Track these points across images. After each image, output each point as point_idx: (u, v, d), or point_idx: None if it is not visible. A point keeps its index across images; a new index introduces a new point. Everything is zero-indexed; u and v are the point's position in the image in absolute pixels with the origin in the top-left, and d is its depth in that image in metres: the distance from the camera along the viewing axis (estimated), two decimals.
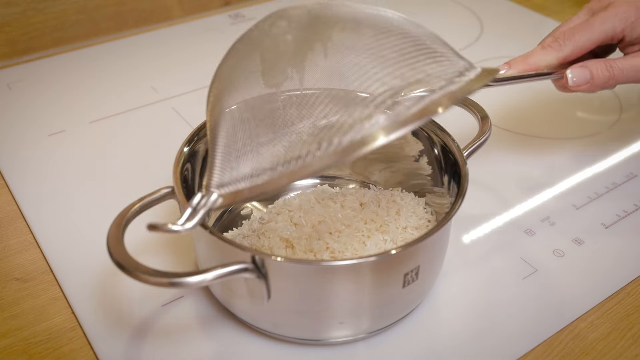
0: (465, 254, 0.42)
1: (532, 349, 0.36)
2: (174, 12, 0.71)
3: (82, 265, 0.41)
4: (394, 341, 0.36)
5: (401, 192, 0.42)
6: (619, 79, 0.41)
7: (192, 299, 0.39)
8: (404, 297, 0.35)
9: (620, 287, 0.40)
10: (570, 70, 0.41)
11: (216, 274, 0.30)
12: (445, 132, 0.40)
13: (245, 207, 0.44)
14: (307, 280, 0.32)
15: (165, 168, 0.37)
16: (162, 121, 0.55)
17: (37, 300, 0.39)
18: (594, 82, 0.41)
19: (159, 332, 0.37)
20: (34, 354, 0.36)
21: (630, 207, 0.46)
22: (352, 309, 0.34)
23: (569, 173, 0.50)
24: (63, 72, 0.62)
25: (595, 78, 0.41)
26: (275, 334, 0.36)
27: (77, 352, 0.36)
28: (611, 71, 0.41)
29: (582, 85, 0.41)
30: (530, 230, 0.44)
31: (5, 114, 0.56)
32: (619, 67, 0.41)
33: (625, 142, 0.53)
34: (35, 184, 0.48)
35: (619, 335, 0.37)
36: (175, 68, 0.63)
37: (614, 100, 0.59)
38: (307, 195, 0.40)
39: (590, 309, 0.39)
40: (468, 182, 0.36)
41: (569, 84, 0.41)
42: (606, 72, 0.41)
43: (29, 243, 0.43)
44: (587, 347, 0.37)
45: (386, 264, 0.32)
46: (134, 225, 0.34)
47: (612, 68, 0.41)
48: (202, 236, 0.34)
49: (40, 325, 0.37)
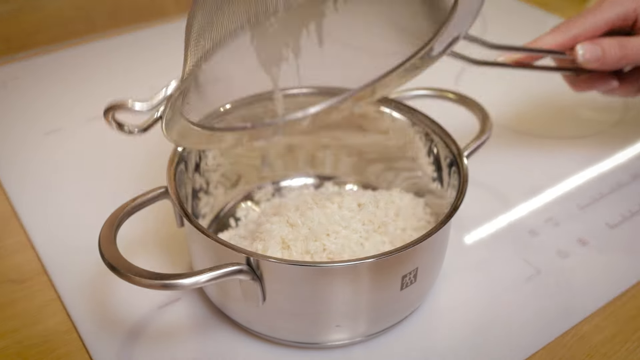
0: (465, 255, 0.42)
1: (535, 351, 0.36)
2: (170, 9, 0.71)
3: (77, 266, 0.40)
4: (391, 344, 0.36)
5: (400, 192, 0.42)
6: (631, 58, 0.39)
7: (188, 302, 0.38)
8: (402, 299, 0.34)
9: (626, 288, 0.40)
10: (581, 46, 0.39)
11: (210, 275, 0.30)
12: (445, 131, 0.39)
13: (241, 207, 0.44)
14: (302, 282, 0.32)
15: (162, 167, 0.37)
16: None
17: (32, 302, 0.39)
18: (604, 60, 0.39)
19: (154, 335, 0.36)
20: (29, 356, 0.35)
21: (635, 207, 0.46)
22: (348, 312, 0.33)
23: (573, 173, 0.49)
24: (59, 69, 0.61)
25: (607, 56, 0.39)
26: (271, 337, 0.35)
27: (72, 355, 0.36)
28: (624, 50, 0.38)
29: (592, 62, 0.39)
30: (533, 231, 0.44)
31: (1, 112, 0.55)
32: (633, 45, 0.39)
33: (629, 142, 0.53)
34: (30, 184, 0.48)
35: (625, 338, 0.37)
36: (172, 66, 0.62)
37: (618, 99, 0.58)
38: (304, 196, 0.39)
39: (595, 311, 0.38)
40: (468, 182, 0.35)
41: (578, 59, 0.39)
42: (618, 51, 0.38)
43: (23, 244, 0.43)
44: (591, 350, 0.36)
45: (383, 266, 0.32)
46: (127, 225, 0.34)
47: (625, 47, 0.39)
48: (196, 237, 0.34)
49: (35, 327, 0.37)
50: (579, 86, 0.43)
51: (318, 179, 0.46)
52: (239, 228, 0.40)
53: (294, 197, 0.41)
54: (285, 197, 0.44)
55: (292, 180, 0.45)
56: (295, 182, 0.46)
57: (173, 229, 0.43)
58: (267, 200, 0.44)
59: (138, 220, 0.42)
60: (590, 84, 0.43)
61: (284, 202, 0.41)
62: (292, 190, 0.45)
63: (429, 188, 0.42)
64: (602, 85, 0.43)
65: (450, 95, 0.43)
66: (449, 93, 0.43)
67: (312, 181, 0.46)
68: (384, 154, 0.44)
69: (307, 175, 0.46)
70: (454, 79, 0.61)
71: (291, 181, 0.45)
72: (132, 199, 0.34)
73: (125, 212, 0.33)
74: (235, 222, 0.42)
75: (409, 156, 0.43)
